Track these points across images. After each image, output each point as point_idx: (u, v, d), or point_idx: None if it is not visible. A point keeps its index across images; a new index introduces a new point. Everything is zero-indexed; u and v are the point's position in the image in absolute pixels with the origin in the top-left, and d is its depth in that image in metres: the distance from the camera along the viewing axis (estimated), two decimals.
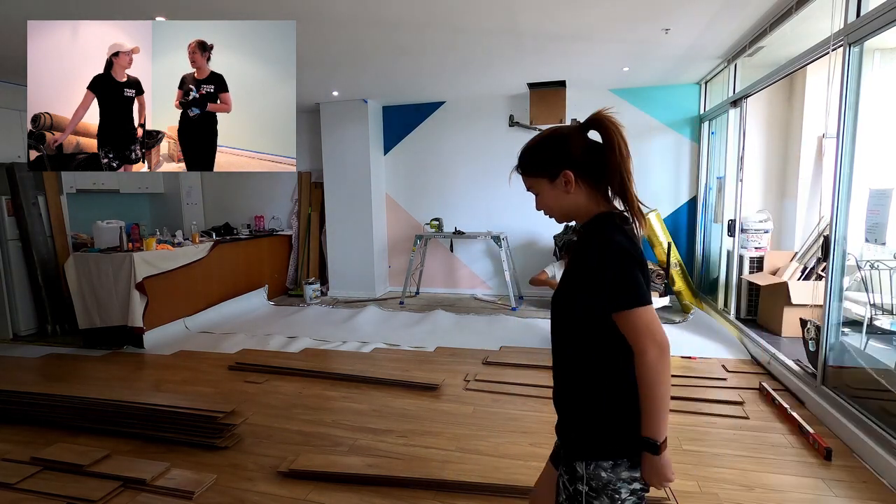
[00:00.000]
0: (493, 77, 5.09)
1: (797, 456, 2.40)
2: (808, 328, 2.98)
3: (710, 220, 5.30)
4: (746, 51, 4.02)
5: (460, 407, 3.04)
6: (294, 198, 6.97)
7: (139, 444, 2.65)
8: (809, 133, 4.57)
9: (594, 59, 4.51)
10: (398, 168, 6.55)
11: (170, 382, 3.58)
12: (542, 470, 1.36)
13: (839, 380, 2.74)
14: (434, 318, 5.14)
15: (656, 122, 5.66)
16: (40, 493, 2.19)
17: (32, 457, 2.45)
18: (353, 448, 2.57)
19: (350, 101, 6.08)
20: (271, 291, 6.37)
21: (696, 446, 2.51)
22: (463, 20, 3.44)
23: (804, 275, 3.97)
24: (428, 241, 6.29)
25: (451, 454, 2.49)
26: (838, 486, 2.15)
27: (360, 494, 2.17)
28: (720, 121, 4.84)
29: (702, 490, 2.15)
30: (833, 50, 2.76)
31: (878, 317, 3.12)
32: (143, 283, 4.32)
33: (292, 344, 4.37)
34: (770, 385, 3.16)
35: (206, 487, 2.23)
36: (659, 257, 5.22)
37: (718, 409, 2.91)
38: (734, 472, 2.28)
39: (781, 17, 3.36)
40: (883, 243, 2.67)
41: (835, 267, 2.71)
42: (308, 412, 3.02)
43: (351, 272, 6.42)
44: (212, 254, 5.27)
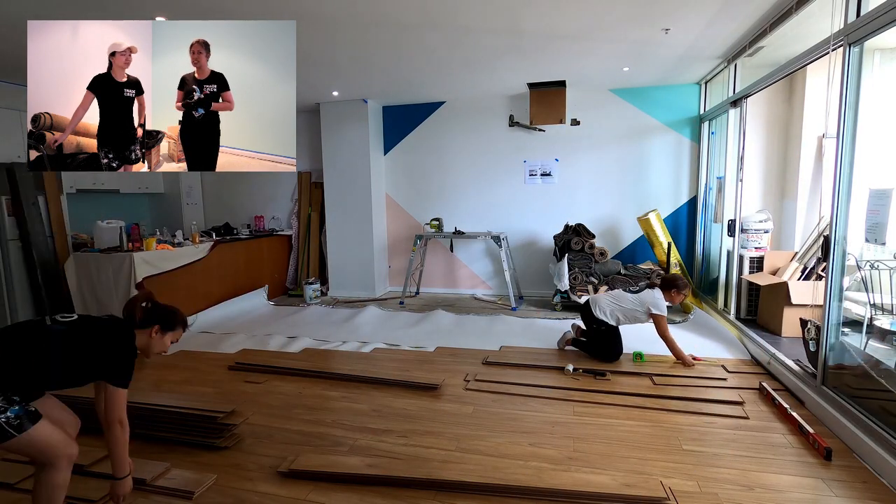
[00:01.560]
0: (493, 77, 5.09)
1: (797, 456, 2.40)
2: (809, 328, 2.98)
3: (710, 220, 5.31)
4: (746, 51, 4.02)
5: (460, 407, 3.04)
6: (294, 198, 6.98)
7: (139, 444, 2.64)
8: (809, 133, 4.57)
9: (594, 59, 4.51)
10: (398, 168, 6.55)
11: (170, 382, 3.58)
12: None
13: (839, 380, 2.74)
14: (434, 318, 5.14)
15: (656, 122, 5.66)
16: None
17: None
18: (354, 448, 2.57)
19: (350, 101, 6.09)
20: (271, 291, 6.37)
21: (696, 446, 2.51)
22: (463, 20, 3.44)
23: (804, 275, 3.97)
24: (428, 240, 6.30)
25: (451, 454, 2.49)
26: (838, 486, 2.15)
27: (360, 494, 2.17)
28: (720, 121, 4.84)
29: (702, 490, 2.15)
30: (833, 50, 2.76)
31: (879, 317, 3.11)
32: (143, 283, 4.33)
33: (292, 344, 4.37)
34: (770, 385, 3.16)
35: (206, 487, 2.23)
36: (659, 257, 5.22)
37: (718, 409, 2.91)
38: (734, 472, 2.28)
39: (781, 17, 3.36)
40: (883, 243, 2.67)
41: (835, 267, 2.71)
42: (308, 412, 3.02)
43: (351, 272, 6.42)
44: (212, 254, 5.27)
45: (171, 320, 2.03)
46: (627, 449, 2.51)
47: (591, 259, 5.24)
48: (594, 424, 2.79)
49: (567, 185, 6.00)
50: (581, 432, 2.70)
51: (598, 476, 2.25)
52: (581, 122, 5.79)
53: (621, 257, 5.81)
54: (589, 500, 2.09)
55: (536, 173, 6.06)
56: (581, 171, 5.94)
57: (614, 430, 2.72)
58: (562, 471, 2.31)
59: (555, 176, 6.02)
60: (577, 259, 5.29)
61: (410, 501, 2.12)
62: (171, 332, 2.03)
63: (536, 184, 6.08)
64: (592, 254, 5.26)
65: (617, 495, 2.09)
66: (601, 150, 5.85)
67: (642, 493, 2.09)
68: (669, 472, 2.28)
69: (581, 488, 2.13)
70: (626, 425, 2.77)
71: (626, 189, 5.84)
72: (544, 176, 6.05)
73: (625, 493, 2.10)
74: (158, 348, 2.00)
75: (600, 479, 2.22)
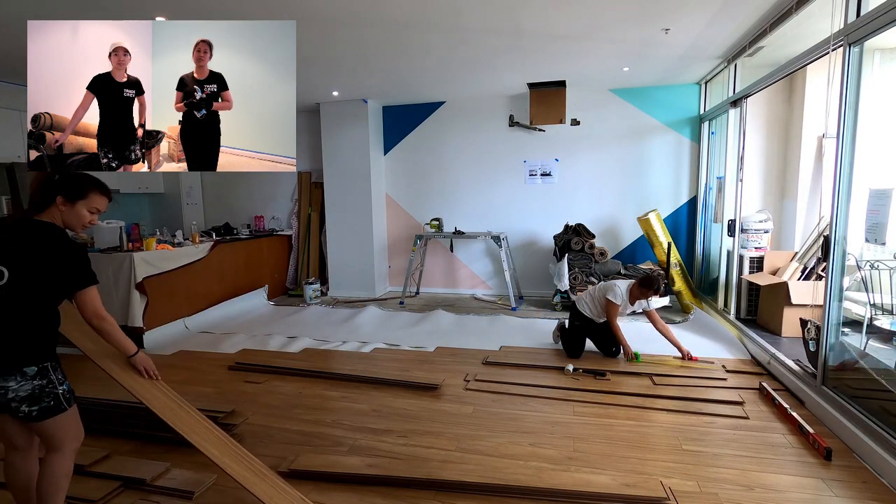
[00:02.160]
0: (493, 77, 5.09)
1: (797, 456, 2.40)
2: (809, 328, 2.98)
3: (710, 220, 5.31)
4: (746, 51, 4.02)
5: (460, 407, 3.04)
6: (294, 198, 6.98)
7: (139, 444, 2.65)
8: (809, 133, 4.57)
9: (594, 59, 4.51)
10: (398, 168, 6.55)
11: (170, 382, 3.53)
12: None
13: (839, 380, 2.74)
14: (434, 317, 5.14)
15: (656, 122, 5.66)
16: None
17: None
18: (354, 448, 2.57)
19: (350, 101, 6.09)
20: (272, 292, 6.37)
21: (696, 446, 2.51)
22: (463, 20, 3.44)
23: (804, 275, 3.97)
24: (428, 240, 6.30)
25: (451, 454, 2.49)
26: (838, 486, 2.15)
27: (360, 494, 2.17)
28: (720, 121, 4.84)
29: (702, 490, 2.15)
30: (833, 50, 2.76)
31: (878, 317, 3.12)
32: (143, 283, 4.33)
33: (292, 344, 4.37)
34: (770, 385, 3.16)
35: (207, 487, 2.23)
36: (659, 257, 5.22)
37: (718, 409, 2.91)
38: (734, 472, 2.28)
39: (781, 17, 3.36)
40: (883, 243, 2.67)
41: (835, 267, 2.72)
42: (308, 412, 3.02)
43: (351, 272, 6.42)
44: (212, 254, 5.27)
45: (73, 187, 1.73)
46: (627, 449, 2.51)
47: (591, 259, 5.24)
48: (594, 424, 2.79)
49: (567, 185, 6.00)
50: (581, 432, 2.70)
51: (598, 476, 2.25)
52: (581, 122, 5.79)
53: (621, 257, 5.81)
54: (589, 500, 2.09)
55: (536, 173, 6.06)
56: (581, 171, 5.94)
57: (614, 430, 2.72)
58: (561, 471, 2.31)
59: (555, 176, 6.01)
60: (577, 259, 5.29)
61: (411, 501, 2.12)
62: (82, 200, 1.75)
63: (536, 184, 6.08)
64: (592, 254, 5.26)
65: (617, 495, 2.09)
66: (601, 150, 5.85)
67: (642, 493, 2.09)
68: (669, 472, 2.29)
69: (581, 488, 2.13)
70: (626, 425, 2.77)
71: (627, 189, 5.84)
72: (544, 176, 6.04)
73: (625, 493, 2.10)
74: (76, 221, 1.75)
75: (600, 479, 2.22)
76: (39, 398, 1.63)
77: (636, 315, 5.05)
